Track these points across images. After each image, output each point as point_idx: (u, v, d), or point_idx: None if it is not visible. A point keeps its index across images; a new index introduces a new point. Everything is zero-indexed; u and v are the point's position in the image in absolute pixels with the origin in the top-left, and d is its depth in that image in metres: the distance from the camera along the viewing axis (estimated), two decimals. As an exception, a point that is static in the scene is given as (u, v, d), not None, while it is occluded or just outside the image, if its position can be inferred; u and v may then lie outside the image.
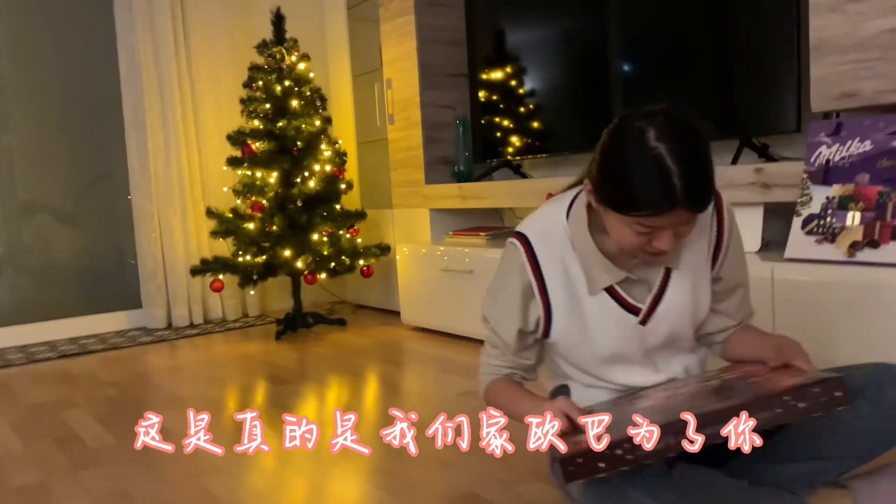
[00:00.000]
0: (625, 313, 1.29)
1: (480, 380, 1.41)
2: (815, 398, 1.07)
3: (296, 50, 3.39)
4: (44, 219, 3.73)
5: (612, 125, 1.14)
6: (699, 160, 1.08)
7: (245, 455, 1.89)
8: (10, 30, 3.60)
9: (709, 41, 2.38)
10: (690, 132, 1.09)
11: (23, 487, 1.78)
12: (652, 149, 1.06)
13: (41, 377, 2.92)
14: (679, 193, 1.06)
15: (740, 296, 1.38)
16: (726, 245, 1.32)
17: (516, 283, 1.30)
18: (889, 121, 1.78)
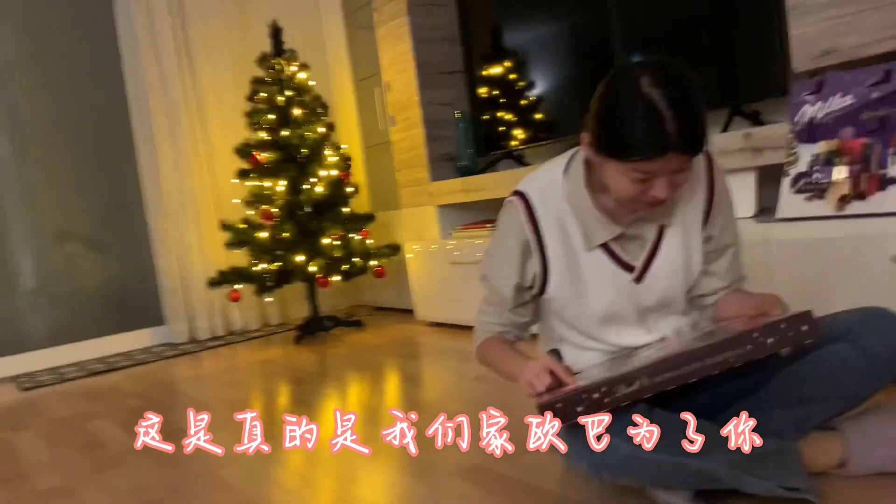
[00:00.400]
0: (619, 270, 1.32)
1: (475, 337, 1.46)
2: (782, 333, 1.09)
3: (295, 60, 3.47)
4: (70, 247, 3.84)
5: (608, 75, 1.16)
6: (691, 105, 1.09)
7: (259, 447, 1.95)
8: (24, 69, 3.72)
9: (696, 13, 2.40)
10: (683, 79, 1.11)
11: (50, 490, 1.86)
12: (644, 94, 1.08)
13: (69, 394, 3.01)
14: (672, 137, 1.08)
15: (730, 257, 1.40)
16: (717, 204, 1.34)
17: (514, 239, 1.34)
18: (869, 73, 1.79)
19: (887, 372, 1.25)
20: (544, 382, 1.20)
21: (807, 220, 1.83)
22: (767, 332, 1.10)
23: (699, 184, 1.33)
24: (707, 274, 1.40)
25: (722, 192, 1.35)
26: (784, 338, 1.10)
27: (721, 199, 1.35)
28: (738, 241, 1.42)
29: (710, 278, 1.40)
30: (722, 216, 1.36)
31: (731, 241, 1.40)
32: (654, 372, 1.11)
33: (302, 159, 3.37)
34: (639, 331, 1.38)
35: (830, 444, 1.27)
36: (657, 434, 1.13)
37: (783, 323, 1.10)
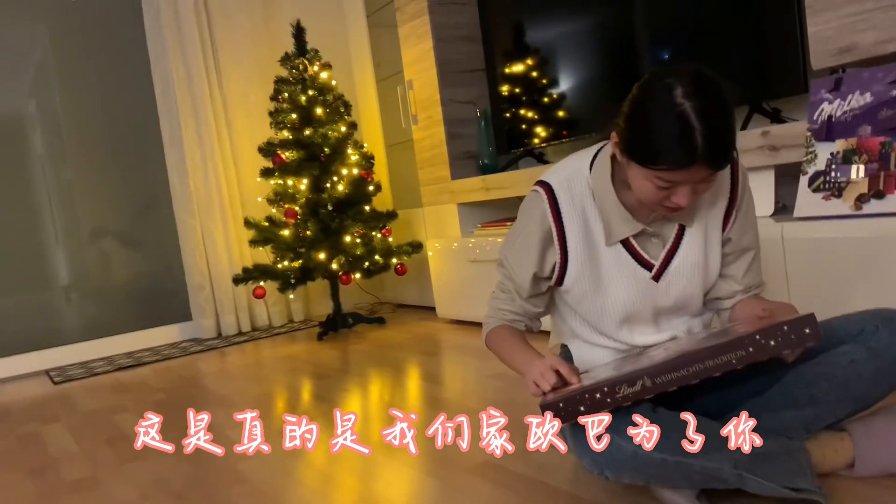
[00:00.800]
0: (638, 267, 1.33)
1: (486, 323, 1.47)
2: (784, 335, 1.09)
3: (318, 60, 3.51)
4: (102, 245, 3.94)
5: (643, 80, 1.17)
6: (722, 120, 1.10)
7: (276, 441, 1.99)
8: (58, 70, 3.82)
9: (719, 10, 2.38)
10: (716, 92, 1.11)
11: (77, 481, 1.92)
12: (677, 105, 1.09)
13: (97, 388, 3.09)
14: (699, 151, 1.09)
15: (748, 260, 1.39)
16: (738, 207, 1.34)
17: (536, 228, 1.35)
18: (888, 70, 1.77)
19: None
20: (550, 382, 1.22)
21: (824, 220, 1.82)
22: (769, 335, 1.10)
23: (723, 185, 1.33)
24: (724, 277, 1.40)
25: (744, 195, 1.35)
26: (786, 340, 1.10)
27: (743, 201, 1.35)
28: (758, 246, 1.41)
29: (727, 281, 1.40)
30: (742, 218, 1.36)
31: (750, 245, 1.39)
32: (656, 373, 1.12)
33: (324, 158, 3.41)
34: (649, 329, 1.39)
35: (839, 444, 1.27)
36: (657, 433, 1.14)
37: (785, 325, 1.10)
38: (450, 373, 2.56)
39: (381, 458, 1.77)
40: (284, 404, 2.42)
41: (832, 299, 1.79)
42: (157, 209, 4.02)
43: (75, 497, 1.80)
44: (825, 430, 1.29)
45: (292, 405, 2.39)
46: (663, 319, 1.39)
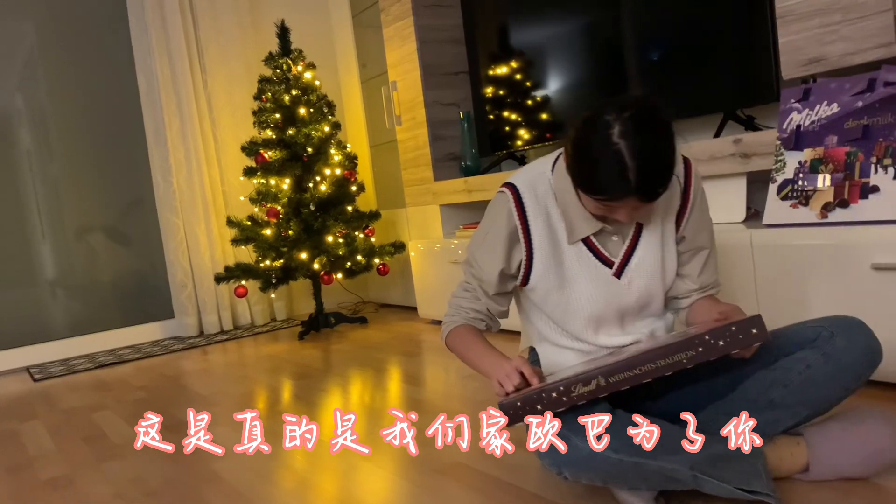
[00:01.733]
0: (600, 265, 1.38)
1: (446, 321, 1.50)
2: (732, 336, 1.14)
3: (301, 59, 3.52)
4: (86, 242, 3.94)
5: (588, 113, 1.22)
6: (656, 158, 1.17)
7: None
8: (45, 66, 3.82)
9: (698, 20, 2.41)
10: (652, 131, 1.17)
11: (52, 479, 1.93)
12: (614, 144, 1.16)
13: (78, 385, 3.10)
14: (632, 186, 1.17)
15: (702, 259, 1.44)
16: (690, 207, 1.40)
17: (503, 227, 1.40)
18: (854, 82, 1.81)
19: (852, 380, 1.28)
20: (514, 382, 1.25)
21: (791, 227, 1.85)
22: (718, 335, 1.15)
23: (676, 187, 1.38)
24: (680, 276, 1.45)
25: (697, 196, 1.40)
26: (734, 340, 1.15)
27: (695, 201, 1.40)
28: (713, 246, 1.46)
29: (683, 280, 1.45)
30: (695, 218, 1.41)
31: (703, 244, 1.44)
32: (610, 372, 1.15)
33: (307, 158, 3.42)
34: (615, 329, 1.43)
35: (795, 449, 1.31)
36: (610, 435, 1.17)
37: (733, 326, 1.15)
38: (430, 374, 2.59)
39: (357, 461, 1.80)
40: (264, 404, 2.44)
41: (797, 304, 1.83)
42: (142, 207, 4.02)
43: (50, 496, 1.81)
44: (782, 434, 1.32)
45: (272, 405, 2.41)
46: (628, 320, 1.43)
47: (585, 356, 1.44)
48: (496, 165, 3.46)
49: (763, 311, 1.92)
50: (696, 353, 1.14)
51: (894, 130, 1.70)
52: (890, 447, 1.27)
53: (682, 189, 1.39)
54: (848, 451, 1.28)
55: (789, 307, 1.86)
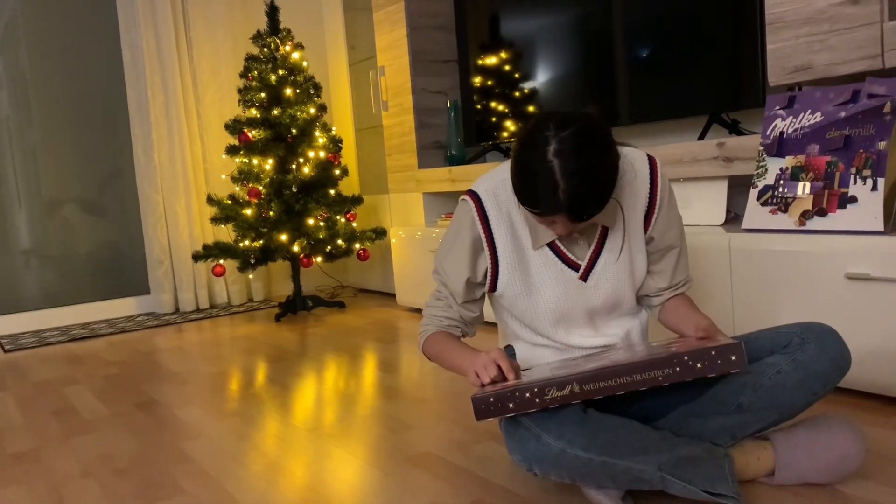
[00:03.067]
0: (566, 268, 1.38)
1: (422, 331, 1.51)
2: (711, 360, 1.15)
3: (290, 40, 3.49)
4: (63, 212, 3.89)
5: (531, 124, 1.23)
6: (587, 179, 1.18)
7: (224, 423, 2.01)
8: (27, 32, 3.75)
9: (688, 20, 2.42)
10: (590, 151, 1.18)
11: (17, 454, 1.91)
12: (548, 162, 1.17)
13: (50, 358, 3.07)
14: (562, 205, 1.18)
15: (674, 258, 1.45)
16: (658, 207, 1.40)
17: (467, 235, 1.40)
18: (838, 92, 1.83)
19: (821, 386, 1.30)
20: (490, 374, 1.26)
21: (769, 233, 1.87)
22: (696, 357, 1.15)
23: (642, 187, 1.39)
24: (651, 274, 1.46)
25: (664, 196, 1.40)
26: (712, 365, 1.15)
27: (662, 202, 1.40)
28: (683, 244, 1.46)
29: (654, 278, 1.46)
30: (663, 218, 1.41)
31: (673, 243, 1.44)
32: (585, 380, 1.16)
33: (291, 139, 3.40)
34: (587, 331, 1.43)
35: (762, 453, 1.32)
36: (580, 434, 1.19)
37: (714, 350, 1.15)
38: (406, 361, 2.59)
39: (328, 446, 1.80)
40: (237, 385, 2.43)
41: (771, 309, 1.86)
42: (121, 180, 3.98)
43: (15, 470, 1.80)
44: (750, 438, 1.34)
45: (245, 386, 2.41)
46: (599, 321, 1.43)
47: (561, 353, 1.45)
48: (481, 156, 3.46)
49: (737, 314, 1.94)
50: (673, 373, 1.15)
51: (875, 142, 1.72)
52: (854, 455, 1.30)
53: (648, 189, 1.39)
54: (814, 457, 1.30)
55: (764, 311, 1.88)
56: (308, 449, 1.78)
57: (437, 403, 2.05)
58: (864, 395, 1.79)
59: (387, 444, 1.76)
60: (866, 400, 1.76)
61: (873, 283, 1.65)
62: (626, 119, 2.61)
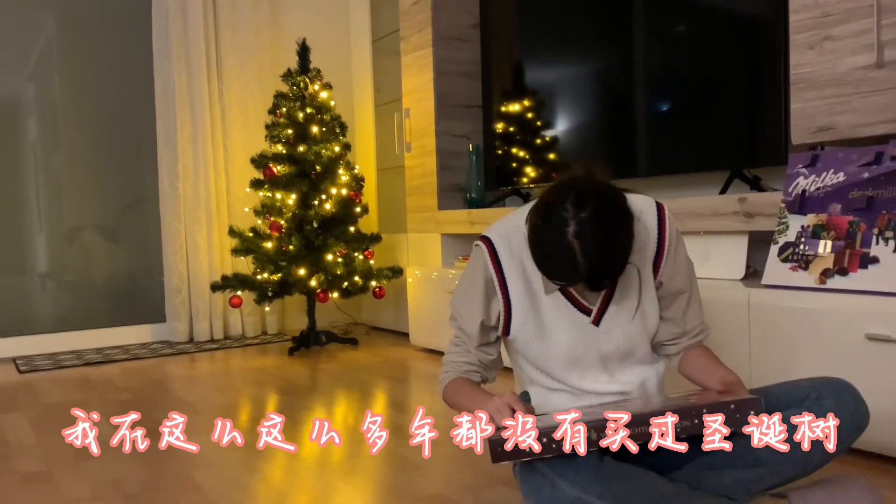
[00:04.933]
0: (578, 313, 1.40)
1: (442, 379, 1.51)
2: (730, 413, 1.15)
3: (319, 79, 3.57)
4: (83, 237, 3.95)
5: (548, 199, 1.26)
6: (606, 257, 1.23)
7: (233, 452, 2.00)
8: (61, 58, 3.86)
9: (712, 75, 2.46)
10: (608, 230, 1.22)
11: (30, 474, 1.91)
12: (567, 243, 1.21)
13: (63, 381, 3.08)
14: (581, 278, 1.24)
15: (683, 303, 1.46)
16: (666, 253, 1.41)
17: (480, 279, 1.43)
18: (862, 153, 1.84)
19: (838, 443, 1.29)
20: (504, 417, 1.25)
21: (789, 289, 1.87)
22: (716, 410, 1.15)
23: (651, 236, 1.40)
24: (663, 320, 1.47)
25: (672, 241, 1.42)
26: (730, 419, 1.15)
27: (670, 247, 1.42)
28: (694, 290, 1.47)
29: (666, 324, 1.47)
30: (671, 264, 1.43)
31: (683, 288, 1.45)
32: (602, 428, 1.16)
33: (315, 175, 3.45)
34: (602, 376, 1.43)
35: (778, 510, 1.31)
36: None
37: (733, 404, 1.15)
38: (416, 401, 2.58)
39: (336, 482, 1.79)
40: (247, 416, 2.43)
41: (788, 366, 1.84)
42: (143, 208, 4.04)
43: (27, 490, 1.80)
44: (766, 495, 1.33)
45: (254, 418, 2.40)
46: (614, 368, 1.43)
47: (577, 398, 1.45)
48: (501, 200, 3.49)
49: (755, 369, 1.93)
50: (692, 425, 1.15)
51: (897, 204, 1.73)
52: (872, 517, 1.28)
53: (657, 236, 1.41)
54: (830, 518, 1.28)
55: (781, 368, 1.87)
56: (316, 484, 1.77)
57: (447, 445, 2.03)
58: (882, 458, 1.77)
59: (396, 483, 1.75)
60: (885, 463, 1.74)
61: (894, 344, 1.64)
62: (644, 170, 2.63)
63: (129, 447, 2.05)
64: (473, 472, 1.80)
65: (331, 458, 1.96)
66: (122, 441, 2.08)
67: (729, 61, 2.34)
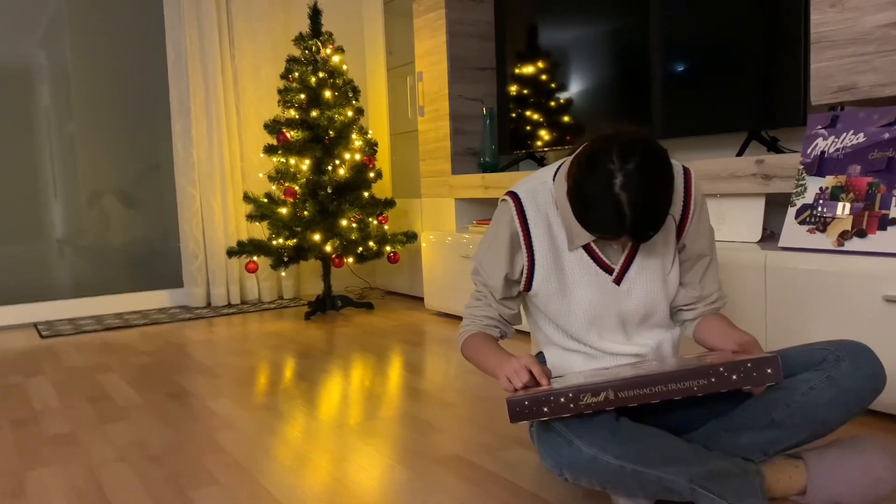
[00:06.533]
0: (600, 271, 1.41)
1: (461, 332, 1.54)
2: (747, 372, 1.15)
3: (331, 43, 3.54)
4: (100, 203, 3.98)
5: (591, 149, 1.25)
6: (652, 209, 1.23)
7: (254, 415, 2.04)
8: (72, 25, 3.84)
9: (731, 31, 2.42)
10: (654, 182, 1.22)
11: (56, 436, 1.96)
12: (615, 195, 1.20)
13: (84, 346, 3.13)
14: (626, 229, 1.23)
15: (703, 267, 1.47)
16: (690, 216, 1.42)
17: (505, 233, 1.45)
18: (882, 113, 1.82)
19: (854, 404, 1.29)
20: (522, 380, 1.27)
21: (806, 251, 1.86)
22: (732, 369, 1.16)
23: (677, 197, 1.40)
24: (682, 284, 1.48)
25: (696, 206, 1.43)
26: (748, 376, 1.16)
27: (695, 211, 1.42)
28: (714, 256, 1.48)
29: (685, 288, 1.48)
30: (695, 227, 1.43)
31: (704, 251, 1.46)
32: (620, 387, 1.17)
33: (328, 141, 3.44)
34: (620, 337, 1.44)
35: (793, 471, 1.32)
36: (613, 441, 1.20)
37: (749, 363, 1.16)
38: (431, 364, 2.61)
39: (355, 443, 1.82)
40: (266, 380, 2.47)
41: (805, 328, 1.85)
42: (158, 175, 4.05)
43: (54, 450, 1.84)
44: (782, 456, 1.34)
45: (273, 381, 2.44)
46: (631, 328, 1.44)
47: (592, 360, 1.46)
48: (514, 164, 3.47)
49: (771, 331, 1.93)
50: (708, 384, 1.16)
51: (918, 165, 1.71)
52: (888, 478, 1.29)
53: (682, 199, 1.41)
54: (846, 478, 1.29)
55: (797, 330, 1.87)
56: (335, 445, 1.81)
57: (463, 407, 2.06)
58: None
59: (413, 445, 1.78)
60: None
61: (911, 306, 1.63)
62: (661, 133, 2.60)
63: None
64: (490, 433, 1.83)
65: (349, 420, 2.00)
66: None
67: (747, 20, 2.30)
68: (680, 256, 1.45)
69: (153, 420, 2.06)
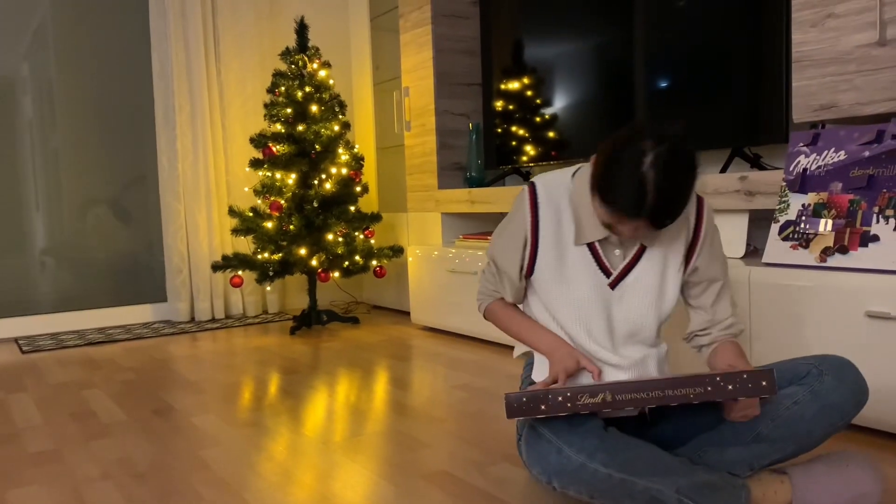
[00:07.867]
0: (598, 271, 1.44)
1: (479, 301, 1.63)
2: (742, 383, 1.18)
3: (317, 57, 3.55)
4: (83, 216, 3.94)
5: (630, 130, 1.28)
6: (673, 196, 1.24)
7: (239, 432, 2.03)
8: (57, 36, 3.83)
9: (715, 49, 2.45)
10: (681, 171, 1.24)
11: (39, 453, 1.93)
12: (643, 173, 1.22)
13: (66, 361, 3.10)
14: (645, 211, 1.24)
15: (716, 291, 1.49)
16: (702, 240, 1.45)
17: (519, 218, 1.50)
18: (863, 132, 1.85)
19: (838, 418, 1.31)
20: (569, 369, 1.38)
21: (790, 268, 1.89)
22: (728, 379, 1.19)
23: (687, 221, 1.42)
24: (695, 308, 1.50)
25: (709, 230, 1.46)
26: (743, 388, 1.18)
27: (707, 235, 1.46)
28: (727, 280, 1.49)
29: (698, 312, 1.50)
30: (707, 251, 1.46)
31: (717, 276, 1.48)
32: (618, 390, 1.19)
33: (315, 155, 3.44)
34: (606, 342, 1.45)
35: (779, 486, 1.33)
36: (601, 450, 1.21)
37: (745, 374, 1.19)
38: (418, 379, 2.61)
39: (341, 459, 1.81)
40: (251, 395, 2.45)
41: (789, 344, 1.87)
42: (142, 188, 4.03)
43: (37, 469, 1.82)
44: (767, 471, 1.35)
45: (259, 397, 2.43)
46: (618, 339, 1.45)
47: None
48: (501, 179, 3.49)
49: (755, 347, 1.95)
50: (705, 392, 1.19)
51: (898, 183, 1.73)
52: (872, 492, 1.30)
53: (693, 224, 1.44)
54: (831, 492, 1.30)
55: (782, 346, 1.89)
56: (321, 461, 1.80)
57: (450, 423, 2.06)
58: (882, 434, 1.79)
59: (400, 460, 1.78)
60: (885, 439, 1.76)
61: (894, 322, 1.66)
62: (648, 149, 2.63)
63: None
64: (478, 448, 1.83)
65: (335, 436, 1.99)
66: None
67: (730, 38, 2.33)
68: (692, 279, 1.48)
69: (138, 437, 2.04)
